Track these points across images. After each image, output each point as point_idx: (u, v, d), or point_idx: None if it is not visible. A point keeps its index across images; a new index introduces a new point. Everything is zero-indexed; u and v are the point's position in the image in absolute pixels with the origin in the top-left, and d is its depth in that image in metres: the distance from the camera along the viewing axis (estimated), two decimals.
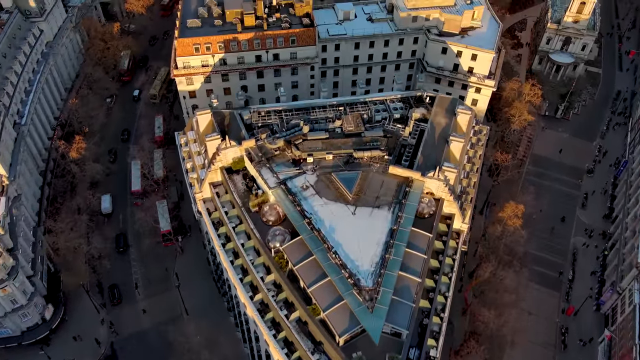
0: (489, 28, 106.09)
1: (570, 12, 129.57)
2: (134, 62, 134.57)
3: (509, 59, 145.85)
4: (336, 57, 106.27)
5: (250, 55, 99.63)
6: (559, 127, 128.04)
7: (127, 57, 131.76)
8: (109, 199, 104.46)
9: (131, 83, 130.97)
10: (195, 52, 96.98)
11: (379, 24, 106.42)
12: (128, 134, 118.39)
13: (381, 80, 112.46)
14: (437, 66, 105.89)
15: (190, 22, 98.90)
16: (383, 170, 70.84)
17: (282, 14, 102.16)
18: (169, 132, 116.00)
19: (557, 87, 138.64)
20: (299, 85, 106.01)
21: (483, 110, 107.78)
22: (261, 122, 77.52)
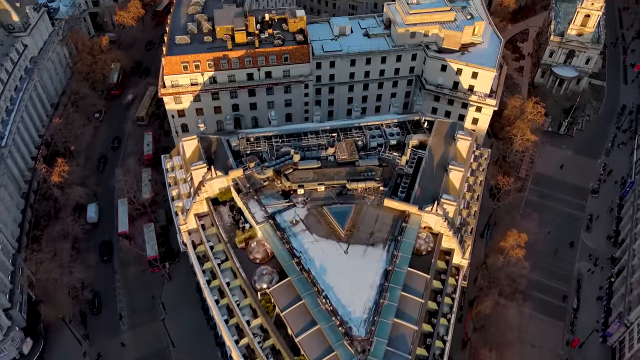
0: (490, 44, 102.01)
1: (574, 25, 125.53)
2: (124, 75, 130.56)
3: (510, 71, 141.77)
4: (331, 74, 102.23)
5: (242, 73, 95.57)
6: (562, 144, 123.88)
7: (117, 70, 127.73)
8: (94, 208, 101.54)
9: (121, 97, 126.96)
10: (183, 71, 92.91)
11: (376, 40, 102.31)
12: (119, 142, 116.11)
13: (378, 98, 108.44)
14: (436, 84, 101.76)
15: (179, 39, 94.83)
16: (378, 203, 66.78)
17: (275, 30, 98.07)
18: (158, 150, 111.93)
19: (560, 101, 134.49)
20: (293, 104, 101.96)
21: (484, 129, 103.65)
22: (250, 150, 73.47)
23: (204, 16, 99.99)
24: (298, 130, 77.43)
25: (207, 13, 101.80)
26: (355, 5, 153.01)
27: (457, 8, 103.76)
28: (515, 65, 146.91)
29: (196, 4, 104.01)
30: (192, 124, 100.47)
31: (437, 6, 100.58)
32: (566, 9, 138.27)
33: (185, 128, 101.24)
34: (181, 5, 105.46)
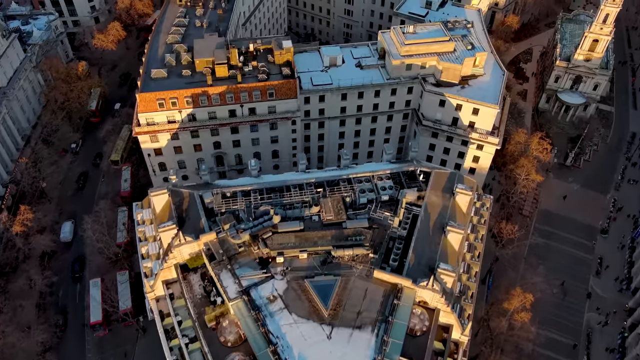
0: (493, 76, 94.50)
1: (582, 50, 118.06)
2: (105, 101, 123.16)
3: (513, 96, 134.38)
4: (321, 108, 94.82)
5: (223, 110, 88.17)
6: (569, 177, 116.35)
7: (96, 96, 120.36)
8: (69, 227, 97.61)
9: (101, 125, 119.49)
10: (159, 108, 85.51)
11: (369, 72, 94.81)
12: (84, 180, 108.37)
13: (372, 132, 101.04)
14: (434, 119, 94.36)
15: (155, 73, 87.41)
16: (367, 274, 59.28)
17: (260, 62, 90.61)
18: (137, 186, 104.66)
19: (566, 128, 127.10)
20: (280, 140, 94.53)
21: (486, 167, 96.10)
22: (225, 207, 65.91)
23: (184, 46, 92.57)
24: (280, 184, 69.88)
25: (188, 42, 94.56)
26: (350, 24, 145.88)
27: (457, 37, 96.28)
28: (518, 88, 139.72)
29: (176, 32, 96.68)
30: (170, 162, 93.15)
31: (435, 36, 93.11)
32: (572, 30, 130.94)
33: (163, 167, 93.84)
34: (160, 33, 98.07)
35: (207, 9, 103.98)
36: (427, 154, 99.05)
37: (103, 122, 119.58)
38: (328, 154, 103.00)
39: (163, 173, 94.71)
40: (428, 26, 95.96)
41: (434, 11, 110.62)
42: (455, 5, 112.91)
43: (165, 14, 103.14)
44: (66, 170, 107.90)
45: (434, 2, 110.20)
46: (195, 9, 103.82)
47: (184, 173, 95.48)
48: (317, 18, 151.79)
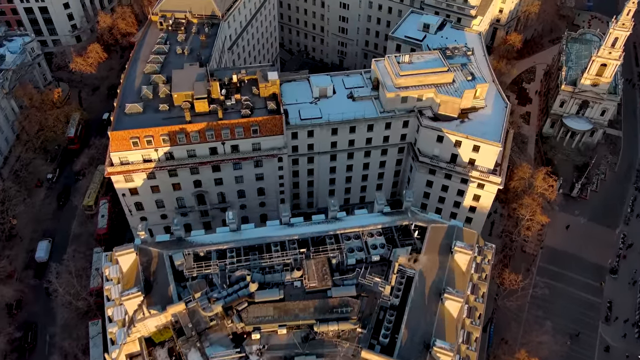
0: (495, 108, 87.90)
1: (589, 74, 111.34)
2: (85, 126, 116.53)
3: (515, 119, 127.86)
4: (310, 143, 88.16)
5: (203, 148, 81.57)
6: (575, 209, 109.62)
7: (75, 122, 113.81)
8: (45, 246, 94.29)
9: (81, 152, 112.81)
10: (133, 147, 78.91)
11: (362, 104, 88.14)
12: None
13: (365, 166, 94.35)
14: (432, 155, 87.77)
15: (130, 108, 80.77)
16: (354, 354, 52.63)
17: (244, 95, 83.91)
18: (115, 223, 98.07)
19: (572, 155, 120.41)
20: (265, 178, 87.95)
21: (487, 207, 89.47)
22: (197, 271, 59.22)
23: (162, 77, 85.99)
24: (259, 241, 63.17)
25: (167, 71, 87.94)
26: (344, 42, 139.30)
27: (457, 66, 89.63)
28: (520, 110, 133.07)
29: (154, 61, 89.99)
30: (147, 202, 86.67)
31: (432, 66, 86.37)
32: (578, 51, 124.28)
33: (140, 206, 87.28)
34: (138, 61, 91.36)
35: (190, 34, 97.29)
36: (424, 191, 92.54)
37: (84, 148, 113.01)
38: (318, 189, 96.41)
39: (140, 212, 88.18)
40: (425, 55, 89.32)
41: (432, 35, 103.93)
42: (454, 28, 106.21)
43: (145, 39, 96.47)
44: (40, 205, 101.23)
45: (432, 25, 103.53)
46: (177, 33, 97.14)
47: (162, 212, 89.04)
48: (310, 35, 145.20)
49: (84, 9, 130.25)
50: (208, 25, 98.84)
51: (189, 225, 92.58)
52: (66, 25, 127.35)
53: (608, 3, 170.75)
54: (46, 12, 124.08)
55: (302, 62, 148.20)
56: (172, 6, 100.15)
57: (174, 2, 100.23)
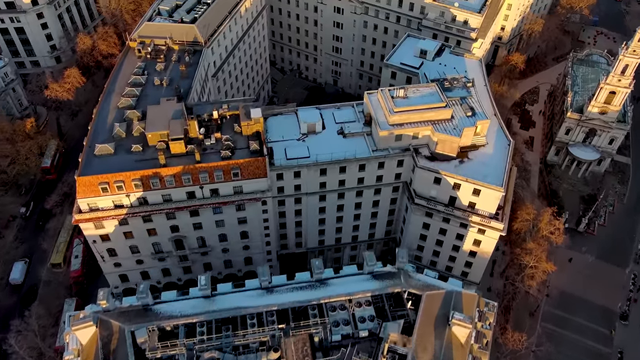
0: (497, 146, 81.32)
1: (597, 102, 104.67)
2: (62, 155, 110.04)
3: (518, 145, 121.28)
4: (297, 184, 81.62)
5: (180, 192, 75.08)
6: (583, 245, 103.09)
7: (52, 151, 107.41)
8: (20, 268, 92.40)
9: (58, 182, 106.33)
10: (102, 193, 72.41)
11: (353, 141, 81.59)
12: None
13: (357, 206, 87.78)
14: (429, 196, 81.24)
15: (100, 149, 74.34)
16: None
17: (225, 134, 77.38)
18: (90, 264, 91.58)
19: (578, 185, 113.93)
20: (248, 221, 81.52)
21: (489, 252, 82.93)
22: (160, 352, 52.69)
23: (137, 113, 79.51)
24: (234, 313, 56.63)
25: (143, 105, 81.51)
26: (338, 62, 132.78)
27: (456, 99, 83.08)
28: (523, 135, 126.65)
29: (130, 94, 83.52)
30: (121, 248, 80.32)
31: (429, 101, 79.80)
32: (585, 74, 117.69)
33: (113, 252, 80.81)
34: (112, 93, 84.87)
35: (170, 62, 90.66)
36: (420, 233, 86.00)
37: (61, 178, 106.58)
38: (307, 229, 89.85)
39: (113, 259, 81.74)
40: (421, 88, 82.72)
41: (429, 61, 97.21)
42: (453, 54, 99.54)
43: (122, 69, 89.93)
44: (9, 244, 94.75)
45: (429, 51, 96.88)
46: (156, 61, 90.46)
47: (138, 257, 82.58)
48: (303, 54, 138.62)
49: (64, 28, 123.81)
50: (189, 52, 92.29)
51: (167, 270, 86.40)
52: (45, 46, 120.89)
53: (614, 18, 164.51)
54: (23, 32, 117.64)
55: (295, 81, 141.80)
56: (151, 32, 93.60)
57: (154, 27, 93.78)
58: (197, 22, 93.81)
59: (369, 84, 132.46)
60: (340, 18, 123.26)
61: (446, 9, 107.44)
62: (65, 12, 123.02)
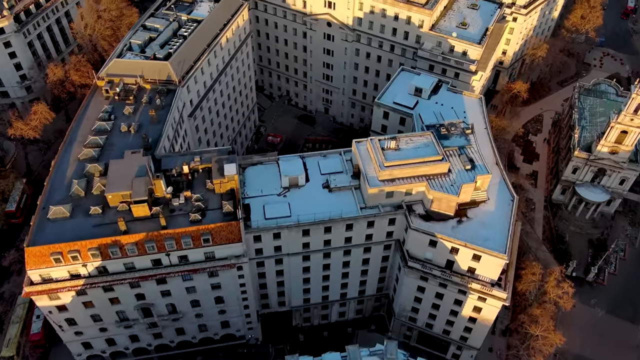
0: (499, 202, 73.43)
1: (607, 141, 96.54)
2: (31, 195, 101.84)
3: (521, 180, 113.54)
4: (277, 246, 73.58)
5: (144, 260, 67.04)
6: (592, 297, 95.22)
7: (19, 192, 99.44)
8: None
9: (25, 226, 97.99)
10: (55, 263, 64.36)
11: (340, 196, 73.74)
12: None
13: (345, 264, 79.90)
14: (424, 258, 73.23)
15: (54, 212, 66.28)
16: None
17: (195, 192, 69.39)
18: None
19: (586, 228, 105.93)
20: (223, 287, 73.57)
21: (490, 320, 75.11)
22: None
23: (99, 167, 71.43)
24: None
25: (107, 157, 73.64)
26: (329, 90, 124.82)
27: (453, 149, 75.06)
28: (526, 169, 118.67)
29: (93, 144, 75.50)
30: (81, 317, 72.52)
31: (424, 154, 71.82)
32: (592, 106, 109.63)
33: (72, 322, 72.73)
34: (74, 142, 76.73)
35: (140, 104, 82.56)
36: (414, 295, 78.00)
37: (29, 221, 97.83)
38: (290, 289, 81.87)
39: (74, 327, 73.71)
40: (415, 137, 74.68)
41: (425, 100, 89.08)
42: (450, 91, 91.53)
43: (87, 112, 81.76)
44: None
45: (425, 89, 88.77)
46: (124, 104, 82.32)
47: (101, 326, 74.54)
48: (292, 80, 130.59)
49: (35, 56, 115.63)
50: (162, 93, 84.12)
51: (136, 336, 78.36)
52: (14, 76, 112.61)
53: (621, 37, 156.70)
54: None
55: (284, 109, 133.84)
56: (121, 70, 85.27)
57: (124, 65, 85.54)
58: (171, 59, 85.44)
59: (362, 113, 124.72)
60: (330, 45, 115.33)
61: (443, 39, 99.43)
62: (36, 39, 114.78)
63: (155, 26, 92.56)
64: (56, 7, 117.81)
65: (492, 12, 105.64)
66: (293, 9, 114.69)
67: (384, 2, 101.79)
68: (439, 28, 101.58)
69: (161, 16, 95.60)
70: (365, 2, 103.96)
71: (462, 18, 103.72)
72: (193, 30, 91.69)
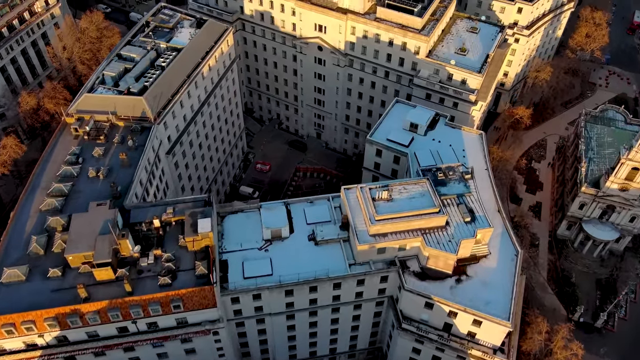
0: (502, 256, 66.95)
1: (616, 177, 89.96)
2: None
3: (523, 212, 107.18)
4: (257, 306, 66.91)
5: (109, 327, 60.45)
6: (601, 346, 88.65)
7: None
8: None
9: None
10: (7, 335, 57.77)
11: (327, 250, 67.13)
12: None
13: (334, 321, 73.22)
14: (419, 319, 66.64)
15: (8, 275, 59.51)
16: None
17: (167, 248, 62.80)
18: None
19: (593, 267, 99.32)
20: (198, 351, 66.96)
21: None
22: None
23: (61, 220, 64.61)
24: None
25: (71, 208, 66.99)
26: (321, 115, 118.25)
27: (451, 198, 68.49)
28: (529, 199, 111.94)
29: (56, 192, 68.59)
30: None
31: (419, 206, 65.16)
32: (600, 135, 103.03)
33: None
34: (36, 190, 69.89)
35: (111, 145, 75.96)
36: (409, 356, 71.35)
37: None
38: (274, 346, 75.19)
39: None
40: (409, 185, 67.99)
41: (421, 136, 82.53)
42: (448, 126, 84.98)
43: (53, 154, 74.93)
44: None
45: (421, 125, 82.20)
46: (95, 144, 75.70)
47: None
48: (283, 103, 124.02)
49: (9, 82, 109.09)
50: (135, 132, 77.53)
51: None
52: None
53: (627, 54, 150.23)
54: None
55: (274, 133, 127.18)
56: (92, 105, 78.59)
57: (95, 100, 78.82)
58: (146, 94, 78.66)
59: (356, 139, 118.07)
60: (322, 69, 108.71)
61: (441, 66, 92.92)
62: (9, 64, 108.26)
63: (131, 55, 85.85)
64: (31, 29, 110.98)
65: (493, 36, 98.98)
66: (282, 32, 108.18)
67: (377, 27, 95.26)
68: (437, 54, 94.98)
69: (138, 44, 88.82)
70: (357, 26, 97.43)
71: (461, 43, 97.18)
72: (172, 60, 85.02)
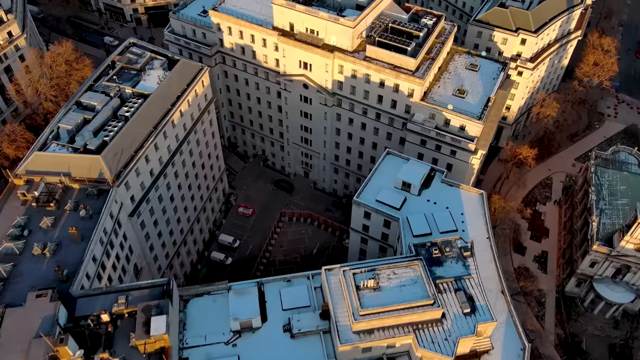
0: (506, 352, 58.04)
1: (632, 237, 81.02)
2: None
3: (528, 263, 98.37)
4: None
5: None
6: None
7: None
8: None
9: None
10: None
11: (305, 343, 58.13)
12: None
13: None
14: None
15: None
16: None
17: (116, 351, 53.57)
18: None
19: (606, 329, 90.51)
20: None
21: None
22: None
23: None
24: None
25: (9, 296, 57.96)
26: (309, 154, 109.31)
27: (448, 282, 59.58)
28: (534, 248, 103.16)
29: None
30: None
31: (410, 297, 56.05)
32: (612, 182, 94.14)
33: None
34: None
35: (63, 213, 66.99)
36: None
37: None
38: None
39: None
40: (399, 269, 58.97)
41: (415, 196, 73.68)
42: (445, 183, 76.05)
43: None
44: None
45: (414, 185, 73.23)
46: (44, 211, 66.76)
47: None
48: (268, 140, 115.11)
49: None
50: (91, 196, 68.56)
51: None
52: None
53: (636, 80, 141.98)
54: None
55: (259, 171, 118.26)
56: (43, 165, 69.66)
57: (46, 159, 69.97)
58: (105, 152, 69.69)
59: (346, 180, 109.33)
60: (308, 108, 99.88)
61: (437, 111, 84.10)
62: None
63: (92, 103, 77.15)
64: None
65: (495, 75, 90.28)
66: (265, 67, 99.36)
67: (367, 67, 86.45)
68: (432, 97, 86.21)
69: (101, 89, 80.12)
70: (345, 65, 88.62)
71: (459, 83, 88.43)
72: (137, 109, 76.23)
